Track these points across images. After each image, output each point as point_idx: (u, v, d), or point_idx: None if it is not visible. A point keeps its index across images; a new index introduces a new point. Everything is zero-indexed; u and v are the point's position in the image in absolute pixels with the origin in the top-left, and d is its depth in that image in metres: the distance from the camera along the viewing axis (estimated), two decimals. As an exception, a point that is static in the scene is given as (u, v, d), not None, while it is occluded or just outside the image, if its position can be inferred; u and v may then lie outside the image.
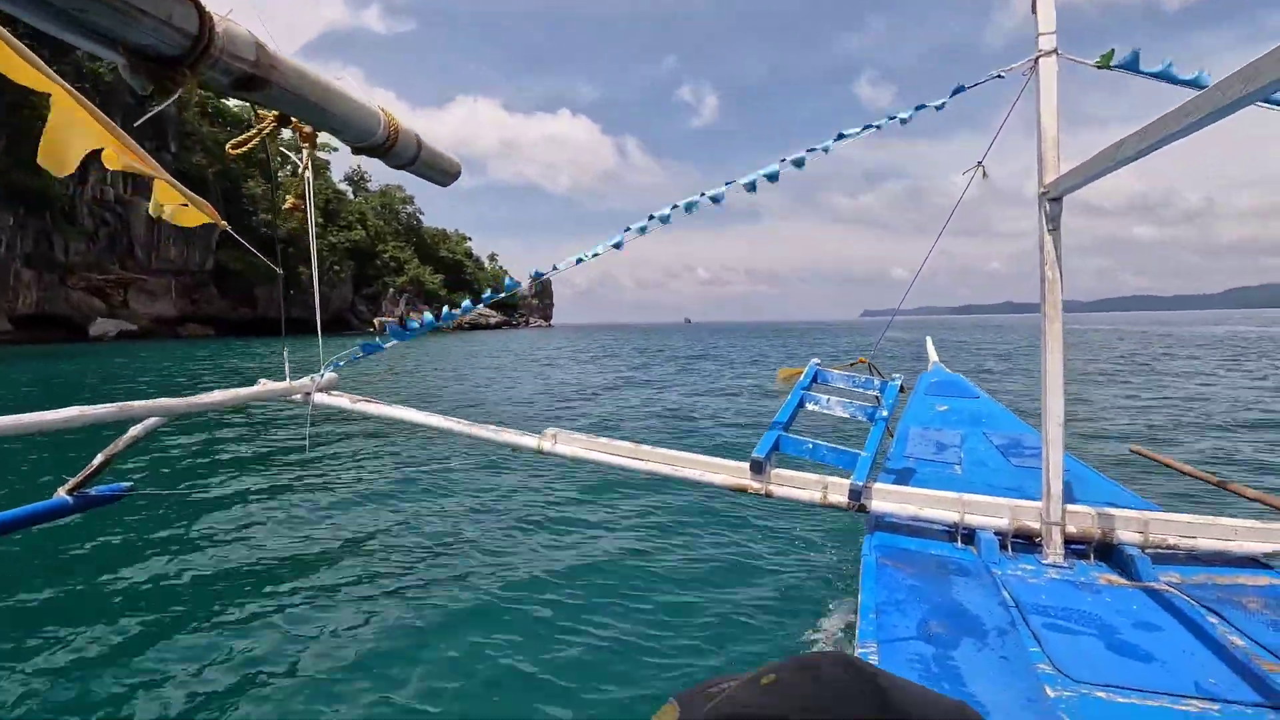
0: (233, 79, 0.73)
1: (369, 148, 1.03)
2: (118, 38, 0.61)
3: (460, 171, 1.32)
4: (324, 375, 3.29)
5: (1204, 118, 1.51)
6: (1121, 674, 1.73)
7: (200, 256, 74.47)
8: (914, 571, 2.42)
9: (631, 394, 16.50)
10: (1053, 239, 2.50)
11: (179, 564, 5.02)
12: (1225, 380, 16.17)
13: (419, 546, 5.34)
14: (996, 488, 3.07)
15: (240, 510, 6.44)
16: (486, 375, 22.30)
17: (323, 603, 4.31)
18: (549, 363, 28.51)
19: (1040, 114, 2.66)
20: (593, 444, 3.18)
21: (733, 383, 18.63)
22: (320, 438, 9.94)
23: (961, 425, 4.40)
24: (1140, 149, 1.83)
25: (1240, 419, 10.21)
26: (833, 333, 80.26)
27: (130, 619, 4.13)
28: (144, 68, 0.64)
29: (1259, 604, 2.10)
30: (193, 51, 0.66)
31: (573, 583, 4.52)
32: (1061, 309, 2.53)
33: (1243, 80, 1.34)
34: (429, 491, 7.00)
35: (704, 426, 11.14)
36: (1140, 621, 2.01)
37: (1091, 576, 2.34)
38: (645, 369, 24.11)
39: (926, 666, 1.79)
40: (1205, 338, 39.04)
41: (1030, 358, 24.77)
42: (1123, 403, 12.36)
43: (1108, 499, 2.88)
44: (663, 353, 34.40)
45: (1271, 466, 7.35)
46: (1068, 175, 2.35)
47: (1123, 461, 7.01)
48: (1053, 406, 2.50)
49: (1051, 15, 2.70)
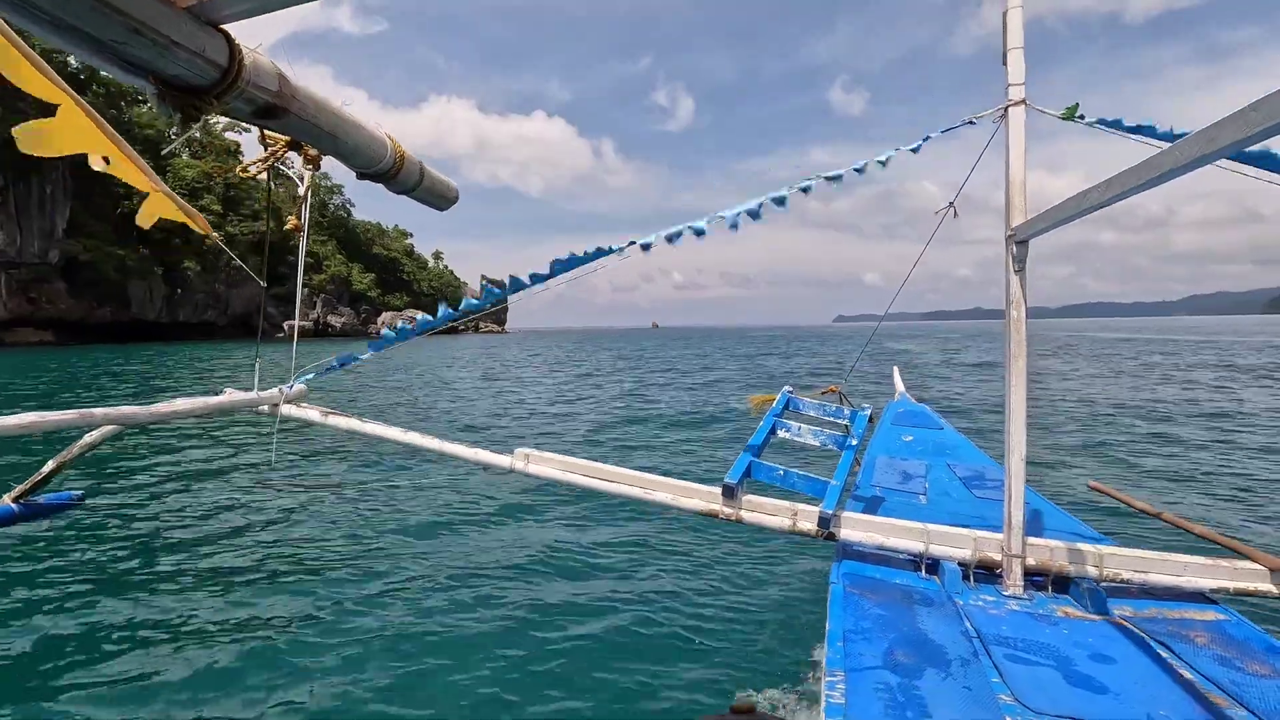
0: (255, 108, 0.75)
1: (374, 174, 1.05)
2: (152, 69, 0.62)
3: (458, 197, 1.35)
4: (293, 386, 3.22)
5: (1165, 173, 1.61)
6: (1078, 705, 1.79)
7: (40, 246, 57.60)
8: (880, 600, 2.46)
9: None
10: (1019, 279, 2.60)
11: (126, 580, 4.85)
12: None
13: (374, 566, 5.24)
14: (960, 518, 3.14)
15: (197, 525, 6.25)
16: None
17: (278, 628, 4.20)
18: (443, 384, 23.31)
19: (1009, 160, 2.78)
20: (566, 464, 3.17)
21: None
22: (288, 449, 9.72)
23: (926, 455, 4.50)
24: (1104, 199, 1.94)
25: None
26: (800, 342, 68.88)
27: (67, 636, 3.97)
28: (172, 97, 0.66)
29: (1206, 639, 2.19)
30: (221, 82, 0.68)
31: (541, 601, 4.48)
32: (1025, 346, 2.63)
33: (1200, 143, 1.43)
34: (391, 508, 6.88)
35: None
36: (1096, 653, 2.08)
37: (1050, 608, 2.41)
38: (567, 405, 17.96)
39: (892, 696, 1.83)
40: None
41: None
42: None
43: (1067, 532, 2.98)
44: (596, 376, 26.83)
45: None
46: (1034, 220, 2.46)
47: (1082, 499, 7.22)
48: (1016, 441, 2.58)
49: (1021, 68, 2.83)
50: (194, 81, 0.66)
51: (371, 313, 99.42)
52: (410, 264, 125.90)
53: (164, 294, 69.67)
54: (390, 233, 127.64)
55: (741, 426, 12.00)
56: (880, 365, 23.44)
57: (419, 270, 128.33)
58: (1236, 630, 2.26)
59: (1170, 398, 16.19)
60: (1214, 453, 9.77)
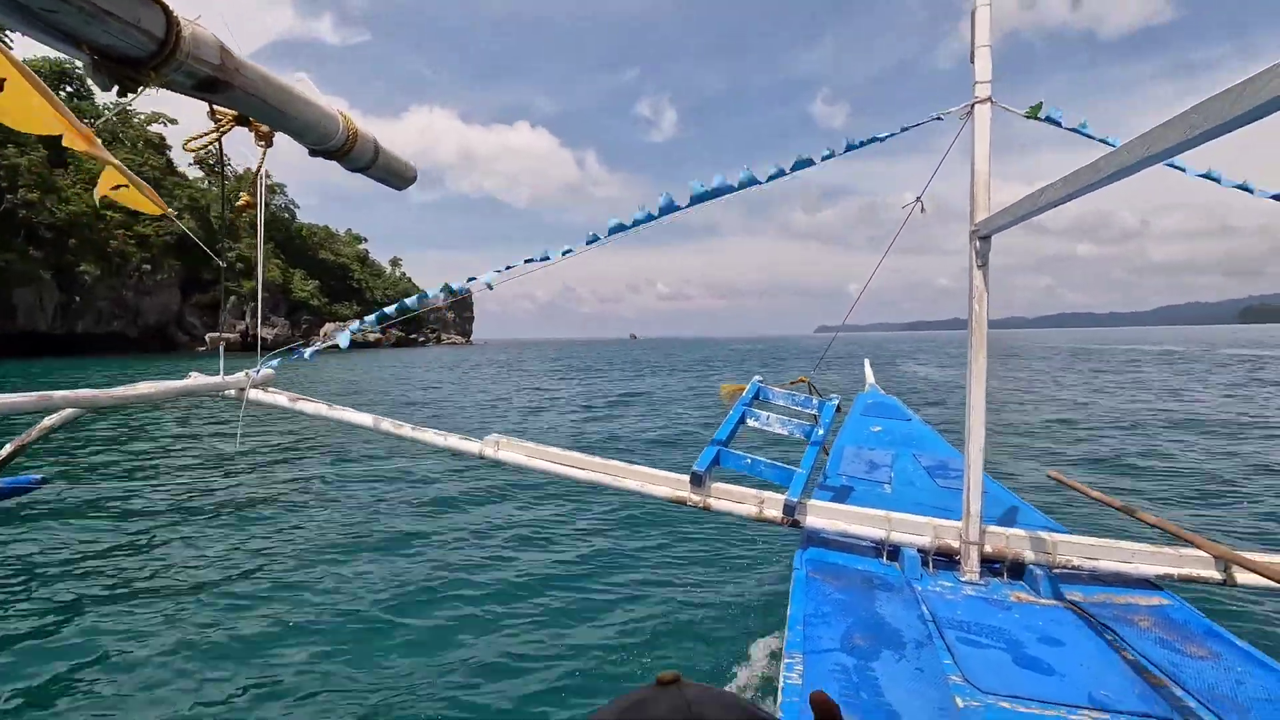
0: (196, 81, 0.74)
1: (326, 151, 1.05)
2: (83, 38, 0.62)
3: (415, 176, 1.34)
4: (260, 371, 3.19)
5: (1113, 174, 1.67)
6: (1025, 685, 1.85)
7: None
8: (841, 585, 2.51)
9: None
10: (981, 275, 2.65)
11: (89, 563, 4.77)
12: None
13: (336, 556, 5.21)
14: (923, 507, 3.21)
15: (162, 507, 6.16)
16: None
17: (241, 611, 4.17)
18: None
19: (974, 156, 2.82)
20: (535, 451, 3.18)
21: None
22: (252, 434, 9.59)
23: (893, 446, 4.58)
24: (1062, 196, 1.99)
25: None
26: (775, 354, 64.59)
27: (27, 617, 3.90)
28: (107, 67, 0.65)
29: (1149, 622, 2.28)
30: (158, 54, 0.67)
31: (510, 585, 4.50)
32: (986, 342, 2.69)
33: (1145, 144, 1.48)
34: (354, 496, 6.84)
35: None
36: (1045, 636, 2.15)
37: (1004, 594, 2.48)
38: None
39: (848, 676, 1.87)
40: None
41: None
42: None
43: (1023, 521, 3.06)
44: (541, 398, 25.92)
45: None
46: (997, 215, 2.50)
47: (1041, 485, 7.40)
48: (975, 432, 2.64)
49: (988, 65, 2.87)
50: (129, 52, 0.66)
51: (314, 323, 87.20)
52: (362, 271, 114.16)
53: (58, 301, 57.96)
54: (341, 237, 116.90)
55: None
56: (884, 366, 23.39)
57: (372, 278, 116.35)
58: (1178, 615, 2.34)
59: (1134, 401, 16.61)
60: (1179, 447, 10.06)
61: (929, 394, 19.08)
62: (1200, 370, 26.10)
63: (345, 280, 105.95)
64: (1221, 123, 1.20)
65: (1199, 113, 1.22)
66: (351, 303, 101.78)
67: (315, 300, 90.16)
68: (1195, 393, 17.77)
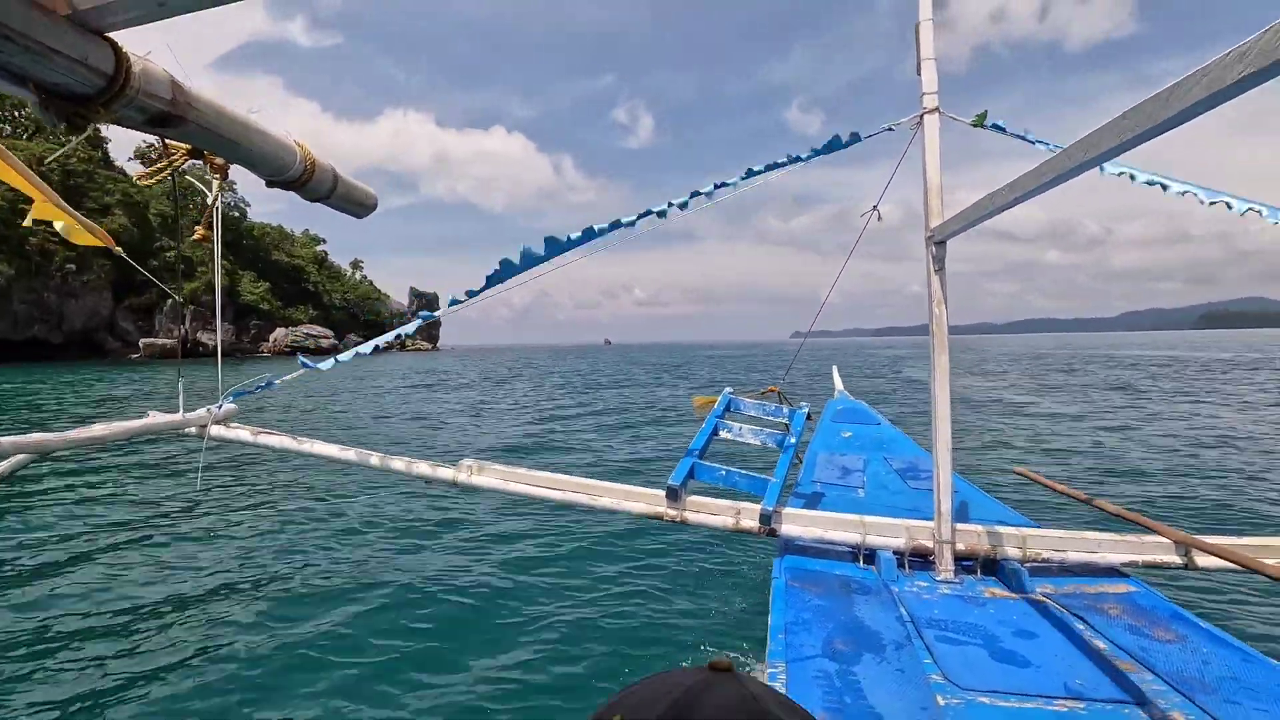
0: (147, 116, 0.73)
1: (284, 181, 1.04)
2: (30, 76, 0.60)
3: (376, 204, 1.34)
4: (222, 407, 3.11)
5: (1057, 177, 1.73)
6: (1003, 680, 1.89)
7: None
8: (820, 592, 2.53)
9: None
10: (939, 278, 2.73)
11: (34, 612, 4.56)
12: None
13: (307, 585, 5.08)
14: (896, 509, 3.26)
15: (114, 552, 5.92)
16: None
17: (197, 656, 4.03)
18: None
19: (925, 165, 2.91)
20: (510, 475, 3.15)
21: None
22: (214, 471, 9.30)
23: (865, 450, 4.64)
24: (1009, 200, 2.06)
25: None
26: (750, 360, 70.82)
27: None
28: (55, 105, 0.64)
29: (1118, 610, 2.34)
30: (108, 90, 0.66)
31: (489, 602, 4.43)
32: (948, 343, 2.75)
33: (1084, 148, 1.55)
34: (325, 524, 6.67)
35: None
36: (1020, 630, 2.19)
37: (978, 590, 2.53)
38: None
39: (830, 682, 1.88)
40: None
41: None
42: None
43: (993, 517, 3.12)
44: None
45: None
46: (950, 221, 2.58)
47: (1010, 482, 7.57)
48: (942, 432, 2.70)
49: (934, 77, 2.97)
50: (78, 90, 0.64)
51: (264, 328, 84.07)
52: (319, 273, 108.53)
53: (-36, 305, 53.14)
54: (298, 238, 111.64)
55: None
56: (879, 377, 23.49)
57: (330, 281, 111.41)
58: (1145, 600, 2.41)
59: (1105, 400, 17.13)
60: (1134, 441, 10.38)
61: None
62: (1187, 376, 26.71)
63: (300, 283, 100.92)
64: (1154, 125, 1.26)
65: (1132, 116, 1.28)
66: (306, 306, 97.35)
67: (266, 304, 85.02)
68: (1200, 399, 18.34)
